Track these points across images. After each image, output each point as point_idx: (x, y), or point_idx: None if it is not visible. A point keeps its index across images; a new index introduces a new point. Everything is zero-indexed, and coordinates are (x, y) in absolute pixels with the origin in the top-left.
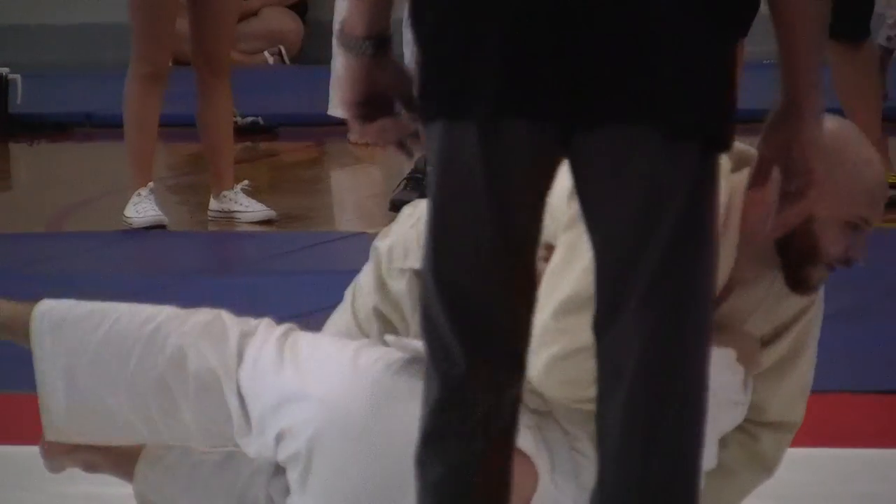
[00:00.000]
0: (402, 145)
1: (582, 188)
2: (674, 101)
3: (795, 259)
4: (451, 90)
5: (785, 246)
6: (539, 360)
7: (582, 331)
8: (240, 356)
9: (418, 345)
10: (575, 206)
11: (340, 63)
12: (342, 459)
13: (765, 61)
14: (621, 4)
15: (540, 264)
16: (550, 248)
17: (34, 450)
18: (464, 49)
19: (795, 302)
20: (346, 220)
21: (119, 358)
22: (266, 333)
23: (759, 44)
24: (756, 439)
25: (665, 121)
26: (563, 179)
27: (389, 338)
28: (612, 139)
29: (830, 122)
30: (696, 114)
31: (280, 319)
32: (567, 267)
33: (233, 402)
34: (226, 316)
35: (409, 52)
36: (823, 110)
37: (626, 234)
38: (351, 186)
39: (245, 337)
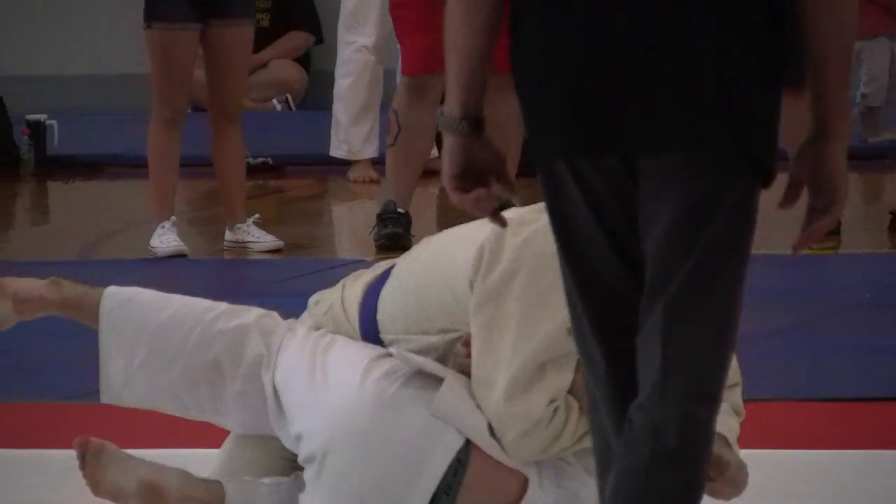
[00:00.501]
0: (495, 214)
1: (640, 208)
2: (716, 134)
3: None
4: (547, 135)
5: None
6: (507, 442)
7: (533, 406)
8: (281, 350)
9: (420, 360)
10: (479, 290)
11: (341, 109)
12: (349, 464)
13: None
14: (670, 59)
15: (464, 361)
16: (468, 344)
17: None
18: (551, 104)
19: None
20: (346, 249)
21: (179, 338)
22: (310, 335)
23: None
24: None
25: (707, 151)
26: (461, 270)
27: (395, 351)
28: (666, 166)
29: None
30: (740, 145)
31: None
32: (495, 349)
33: (269, 391)
34: (276, 315)
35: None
36: (850, 136)
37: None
38: (349, 218)
39: (291, 332)
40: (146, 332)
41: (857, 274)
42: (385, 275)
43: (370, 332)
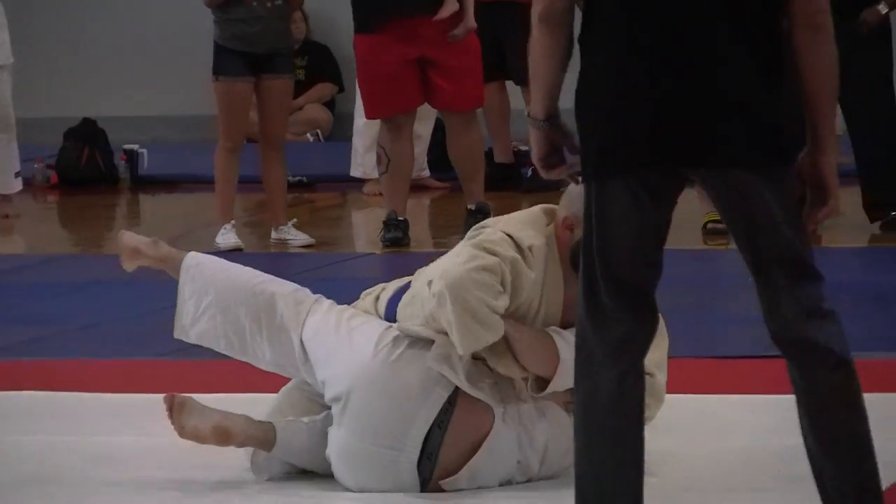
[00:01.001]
0: (572, 177)
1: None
2: (771, 154)
3: (575, 261)
4: (603, 156)
5: (574, 263)
6: (460, 301)
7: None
8: (310, 314)
9: (417, 329)
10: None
11: (359, 141)
12: (367, 403)
13: None
14: (727, 94)
15: None
16: None
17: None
18: (612, 127)
19: None
20: (360, 246)
21: (233, 293)
22: (333, 307)
23: None
24: (653, 377)
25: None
26: None
27: (398, 325)
28: (723, 176)
29: None
30: (784, 158)
31: None
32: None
33: (296, 344)
34: (307, 290)
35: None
36: (837, 148)
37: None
38: (363, 222)
39: (318, 303)
40: (212, 285)
41: (742, 263)
42: (406, 286)
43: (391, 319)
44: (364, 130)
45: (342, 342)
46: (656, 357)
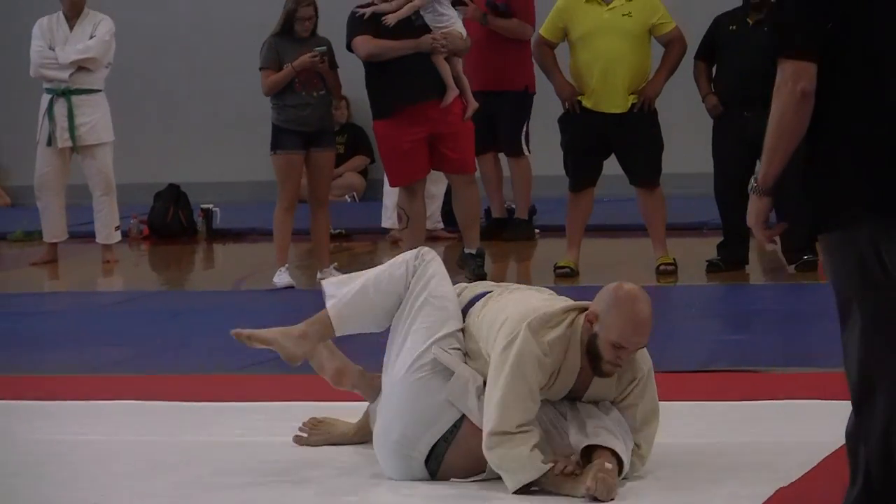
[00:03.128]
0: (772, 238)
1: None
2: None
3: (594, 363)
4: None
5: (589, 356)
6: (484, 432)
7: (499, 423)
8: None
9: (447, 359)
10: (502, 334)
11: (388, 199)
12: (393, 411)
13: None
14: None
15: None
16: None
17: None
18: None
19: (626, 378)
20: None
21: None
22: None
23: None
24: (638, 447)
25: None
26: (495, 332)
27: (436, 352)
28: None
29: (627, 286)
30: None
31: None
32: (490, 393)
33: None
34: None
35: None
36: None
37: None
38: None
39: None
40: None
41: (688, 296)
42: (483, 294)
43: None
44: (390, 191)
45: (394, 347)
46: (648, 433)
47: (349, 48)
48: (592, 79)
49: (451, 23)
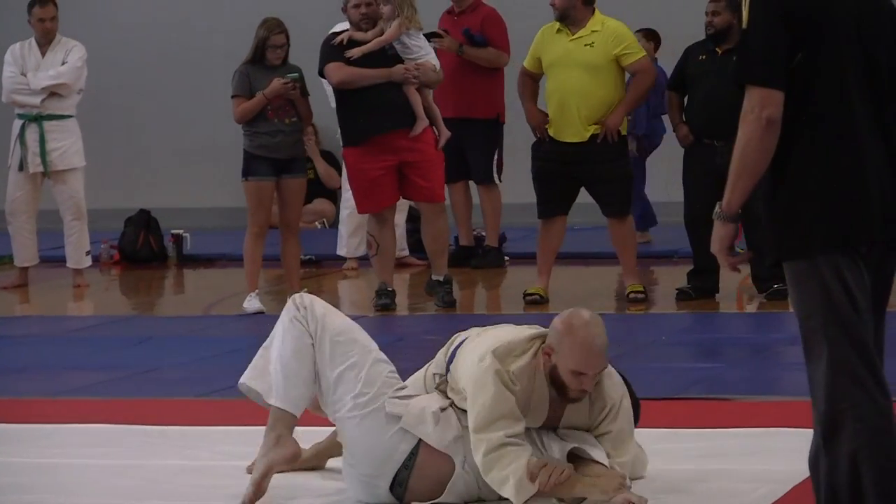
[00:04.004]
0: (736, 266)
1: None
2: None
3: (560, 391)
4: (840, 235)
5: (555, 386)
6: (478, 459)
7: (488, 441)
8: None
9: (399, 411)
10: (470, 360)
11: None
12: (355, 446)
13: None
14: None
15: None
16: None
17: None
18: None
19: (597, 407)
20: (355, 308)
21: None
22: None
23: None
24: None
25: None
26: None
27: (390, 400)
28: None
29: (583, 312)
30: None
31: None
32: (473, 400)
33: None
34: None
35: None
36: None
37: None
38: (356, 291)
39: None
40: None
41: (658, 324)
42: (463, 341)
43: (448, 366)
44: (347, 220)
45: (328, 395)
46: (625, 460)
47: (321, 74)
48: (551, 108)
49: (423, 54)
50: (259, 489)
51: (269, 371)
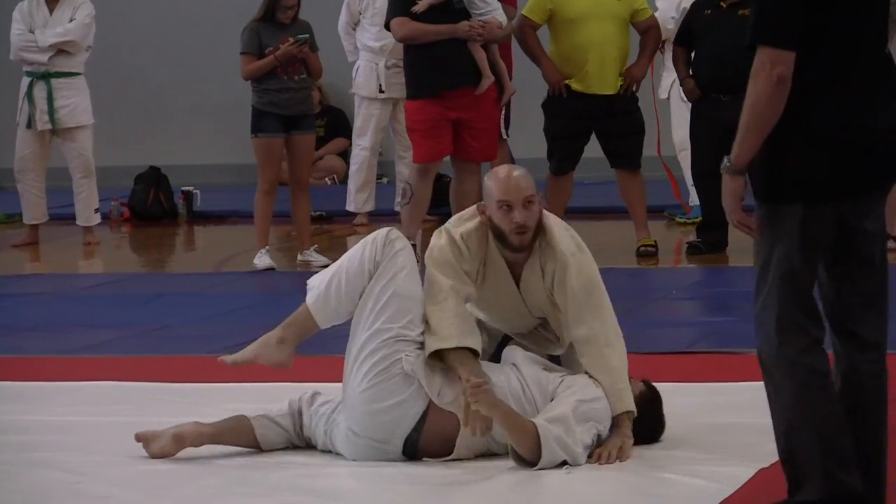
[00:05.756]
0: (745, 223)
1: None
2: None
3: (503, 241)
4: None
5: (497, 238)
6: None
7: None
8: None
9: (408, 366)
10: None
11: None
12: (363, 413)
13: None
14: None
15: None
16: None
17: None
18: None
19: (549, 269)
20: None
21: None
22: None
23: None
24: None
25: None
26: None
27: (407, 358)
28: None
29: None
30: None
31: None
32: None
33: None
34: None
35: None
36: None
37: None
38: None
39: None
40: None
41: (668, 279)
42: None
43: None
44: (355, 175)
45: (354, 347)
46: (581, 334)
47: (387, 27)
48: (587, 62)
49: (490, 10)
50: (230, 363)
51: (326, 274)
